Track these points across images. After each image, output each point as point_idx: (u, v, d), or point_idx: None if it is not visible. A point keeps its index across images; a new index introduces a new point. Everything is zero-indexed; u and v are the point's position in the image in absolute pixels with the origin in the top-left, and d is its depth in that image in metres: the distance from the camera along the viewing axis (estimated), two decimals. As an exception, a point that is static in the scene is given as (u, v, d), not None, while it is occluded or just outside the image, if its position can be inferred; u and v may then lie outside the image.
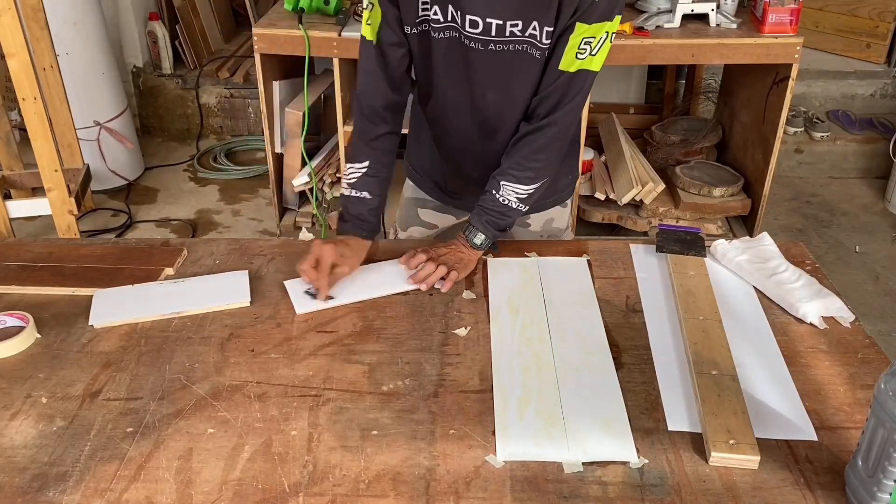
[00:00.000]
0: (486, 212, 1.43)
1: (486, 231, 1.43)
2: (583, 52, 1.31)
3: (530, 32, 1.30)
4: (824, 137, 3.61)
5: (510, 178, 1.41)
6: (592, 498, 0.99)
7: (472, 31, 1.31)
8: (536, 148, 1.40)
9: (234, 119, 3.99)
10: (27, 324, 1.27)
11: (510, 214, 1.43)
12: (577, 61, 1.32)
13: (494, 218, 1.43)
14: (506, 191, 1.41)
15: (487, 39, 1.31)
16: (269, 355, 1.24)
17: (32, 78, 2.58)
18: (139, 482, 1.01)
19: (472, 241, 1.43)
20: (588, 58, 1.32)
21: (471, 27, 1.30)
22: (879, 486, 0.93)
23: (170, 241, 1.56)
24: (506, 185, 1.41)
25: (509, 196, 1.41)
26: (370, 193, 1.46)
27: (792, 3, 2.56)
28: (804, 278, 1.39)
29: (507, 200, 1.42)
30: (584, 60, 1.32)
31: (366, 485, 1.01)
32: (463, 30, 1.31)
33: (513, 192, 1.41)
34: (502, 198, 1.42)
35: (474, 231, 1.43)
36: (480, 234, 1.43)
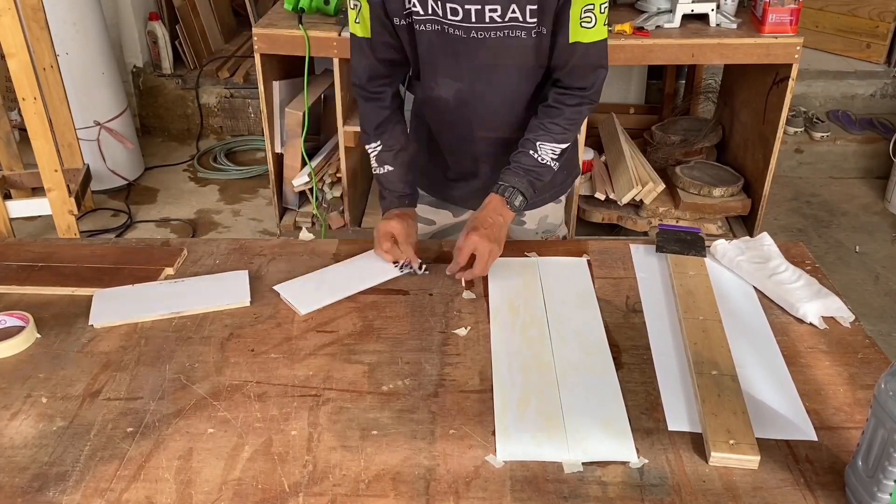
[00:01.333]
0: (526, 171, 1.42)
1: (527, 191, 1.42)
2: (587, 20, 1.32)
3: (510, 16, 1.30)
4: (824, 137, 3.61)
5: (545, 136, 1.41)
6: (592, 498, 0.99)
7: (454, 19, 1.32)
8: (566, 108, 1.41)
9: (234, 119, 3.99)
10: (27, 324, 1.28)
11: (545, 173, 1.44)
12: (584, 30, 1.33)
13: (531, 177, 1.42)
14: (543, 149, 1.41)
15: (469, 27, 1.32)
16: (269, 355, 1.24)
17: (32, 78, 2.58)
18: (139, 482, 1.01)
19: (511, 203, 1.42)
20: (595, 27, 1.33)
21: (452, 15, 1.32)
22: (879, 486, 0.93)
23: (170, 240, 1.56)
24: (542, 143, 1.41)
25: (546, 154, 1.42)
26: (391, 165, 1.51)
27: (792, 3, 2.56)
28: (804, 278, 1.39)
29: (543, 159, 1.42)
30: (592, 30, 1.34)
31: (366, 485, 1.01)
32: (444, 19, 1.33)
33: (550, 149, 1.42)
34: (539, 157, 1.42)
35: (514, 193, 1.41)
36: (520, 195, 1.42)
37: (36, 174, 2.77)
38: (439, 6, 1.31)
